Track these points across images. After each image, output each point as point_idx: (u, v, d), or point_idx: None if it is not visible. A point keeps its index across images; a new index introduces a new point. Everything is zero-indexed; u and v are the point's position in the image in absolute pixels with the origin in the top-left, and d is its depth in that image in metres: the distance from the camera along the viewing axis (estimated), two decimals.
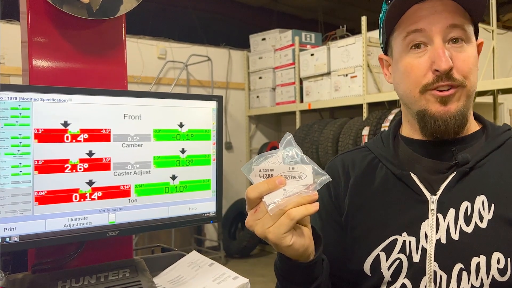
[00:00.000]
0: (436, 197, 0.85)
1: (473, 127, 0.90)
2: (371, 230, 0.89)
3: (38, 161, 1.03)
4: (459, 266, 0.80)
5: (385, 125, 4.05)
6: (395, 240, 0.85)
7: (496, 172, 0.84)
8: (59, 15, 1.19)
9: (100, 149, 1.11)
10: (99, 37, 1.27)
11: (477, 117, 0.93)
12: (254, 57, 6.11)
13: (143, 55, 5.40)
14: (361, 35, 4.59)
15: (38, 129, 1.03)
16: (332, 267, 0.88)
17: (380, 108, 4.56)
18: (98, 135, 1.11)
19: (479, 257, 0.79)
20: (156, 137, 1.18)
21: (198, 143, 1.25)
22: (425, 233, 0.83)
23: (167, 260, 1.34)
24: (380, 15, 0.91)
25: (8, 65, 4.46)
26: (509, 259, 0.78)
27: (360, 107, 4.65)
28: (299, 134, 5.04)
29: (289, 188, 0.68)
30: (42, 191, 1.04)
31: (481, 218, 0.81)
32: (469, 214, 0.82)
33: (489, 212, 0.81)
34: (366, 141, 4.10)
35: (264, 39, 6.00)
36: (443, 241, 0.82)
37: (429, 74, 0.82)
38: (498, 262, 0.78)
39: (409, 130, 0.92)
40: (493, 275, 0.78)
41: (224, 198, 5.50)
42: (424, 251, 0.82)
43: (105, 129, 1.12)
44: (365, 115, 4.49)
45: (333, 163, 1.01)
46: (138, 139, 1.16)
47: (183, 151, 1.23)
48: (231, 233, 5.86)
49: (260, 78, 6.04)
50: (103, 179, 1.11)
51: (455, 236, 0.81)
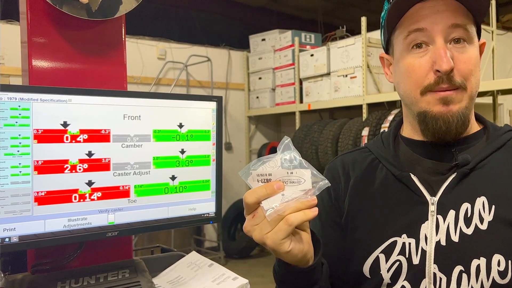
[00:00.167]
0: (436, 199, 0.84)
1: (474, 127, 0.89)
2: (370, 231, 0.88)
3: (37, 161, 1.03)
4: (459, 268, 0.79)
5: (385, 126, 4.04)
6: (395, 241, 0.84)
7: (496, 173, 0.83)
8: (59, 16, 1.19)
9: (99, 150, 1.11)
10: (98, 37, 1.27)
11: (478, 118, 0.92)
12: (253, 57, 6.11)
13: (143, 55, 5.41)
14: (361, 35, 4.59)
15: (37, 130, 1.03)
16: (331, 268, 0.88)
17: (379, 108, 4.56)
18: (97, 136, 1.11)
19: (479, 259, 0.78)
20: (155, 137, 1.18)
21: (197, 144, 1.25)
22: (425, 235, 0.82)
23: (167, 260, 1.34)
24: (382, 14, 0.90)
25: (7, 66, 4.46)
26: (509, 261, 0.77)
27: (359, 107, 4.65)
28: (299, 134, 5.04)
29: (287, 193, 0.67)
30: (41, 192, 1.04)
31: (482, 219, 0.80)
32: (469, 215, 0.81)
33: (489, 213, 0.80)
34: (365, 141, 4.11)
35: (263, 40, 6.00)
36: (443, 243, 0.80)
37: (430, 74, 0.81)
38: (498, 264, 0.77)
39: (410, 131, 0.92)
40: (493, 277, 0.76)
41: (223, 198, 5.50)
42: (423, 253, 0.81)
43: (105, 130, 1.12)
44: (364, 115, 4.49)
45: (333, 164, 1.00)
46: (137, 139, 1.16)
47: (182, 152, 1.23)
48: (231, 233, 5.86)
49: (259, 78, 6.04)
50: (102, 179, 1.11)
51: (455, 238, 0.80)
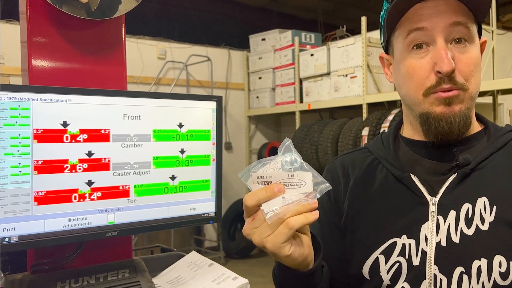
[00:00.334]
0: (436, 199, 0.83)
1: (475, 127, 0.88)
2: (370, 232, 0.87)
3: (37, 161, 1.03)
4: (459, 269, 0.78)
5: (385, 126, 4.04)
6: (395, 243, 0.83)
7: (498, 173, 0.82)
8: (59, 15, 1.18)
9: (99, 150, 1.11)
10: (98, 37, 1.27)
11: (479, 118, 0.92)
12: (253, 57, 6.11)
13: (143, 55, 5.41)
14: (361, 35, 4.59)
15: (37, 129, 1.03)
16: (331, 270, 0.87)
17: (379, 108, 4.56)
18: (97, 135, 1.11)
19: (480, 260, 0.77)
20: (155, 137, 1.18)
21: (197, 144, 1.25)
22: (425, 236, 0.81)
23: (167, 260, 1.34)
24: (381, 14, 0.89)
25: (7, 65, 4.46)
26: (511, 262, 0.76)
27: (359, 107, 4.65)
28: (299, 134, 5.04)
29: (288, 195, 0.66)
30: (41, 192, 1.04)
31: (483, 220, 0.79)
32: (470, 216, 0.80)
33: (490, 214, 0.79)
34: (366, 141, 4.11)
35: (264, 40, 6.00)
36: (444, 243, 0.80)
37: (432, 76, 0.80)
38: (500, 265, 0.76)
39: (410, 131, 0.91)
40: (494, 278, 0.75)
41: (223, 198, 5.51)
42: (424, 254, 0.81)
43: (105, 129, 1.12)
44: (364, 115, 4.49)
45: (333, 165, 0.99)
46: (137, 139, 1.16)
47: (182, 152, 1.23)
48: (231, 233, 5.86)
49: (259, 78, 6.04)
50: (102, 179, 1.11)
51: (456, 238, 0.79)
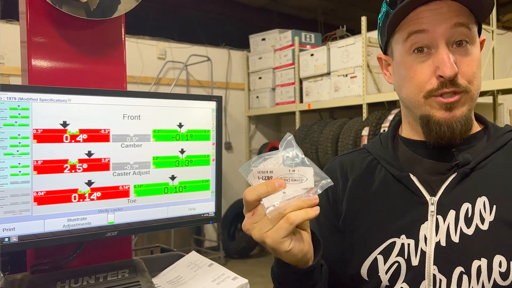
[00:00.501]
0: (436, 199, 0.82)
1: (474, 128, 0.88)
2: (368, 233, 0.87)
3: (37, 161, 1.03)
4: (459, 269, 0.77)
5: (385, 126, 4.04)
6: (393, 243, 0.83)
7: (498, 173, 0.82)
8: (59, 15, 1.18)
9: (99, 150, 1.11)
10: (98, 37, 1.27)
11: (478, 118, 0.91)
12: (253, 57, 6.11)
13: (143, 55, 5.41)
14: (361, 35, 4.59)
15: (37, 129, 1.03)
16: (329, 271, 0.87)
17: (379, 108, 4.56)
18: (97, 135, 1.10)
19: (480, 260, 0.76)
20: (155, 137, 1.18)
21: (197, 144, 1.25)
22: (424, 236, 0.81)
23: (166, 260, 1.34)
24: (379, 15, 0.89)
25: (7, 65, 4.46)
26: (511, 262, 0.75)
27: (359, 107, 4.65)
28: (299, 134, 5.04)
29: (289, 191, 0.65)
30: (41, 192, 1.04)
31: (482, 220, 0.79)
32: (469, 215, 0.80)
33: (490, 213, 0.79)
34: (366, 141, 4.11)
35: (264, 39, 6.00)
36: (443, 243, 0.79)
37: (433, 79, 0.80)
38: (500, 265, 0.75)
39: (409, 131, 0.91)
40: (494, 278, 0.75)
41: (223, 198, 5.50)
42: (423, 254, 0.80)
43: (104, 129, 1.11)
44: (364, 115, 4.49)
45: (331, 165, 0.99)
46: (137, 139, 1.16)
47: (182, 152, 1.23)
48: (231, 233, 5.86)
49: (259, 78, 6.04)
50: (102, 179, 1.11)
51: (455, 238, 0.79)
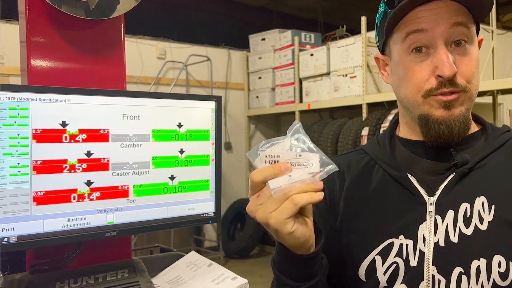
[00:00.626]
0: (434, 199, 0.82)
1: (472, 128, 0.87)
2: (366, 233, 0.86)
3: (36, 161, 1.03)
4: (458, 270, 0.77)
5: (385, 126, 4.05)
6: (392, 243, 0.82)
7: (496, 173, 0.82)
8: (58, 15, 1.18)
9: (98, 149, 1.11)
10: (97, 37, 1.27)
11: (476, 118, 0.91)
12: (253, 57, 6.11)
13: (143, 55, 5.41)
14: (361, 35, 4.59)
15: (36, 129, 1.03)
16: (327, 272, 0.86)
17: (379, 108, 4.56)
18: (96, 135, 1.10)
19: (479, 260, 0.76)
20: (154, 137, 1.18)
21: (196, 144, 1.25)
22: (423, 236, 0.80)
23: (166, 260, 1.34)
24: (377, 15, 0.89)
25: (7, 65, 4.46)
26: (510, 262, 0.75)
27: (359, 107, 4.65)
28: None
29: (294, 174, 0.67)
30: (40, 192, 1.04)
31: (481, 219, 0.78)
32: (468, 215, 0.79)
33: (489, 213, 0.78)
34: (365, 141, 4.11)
35: (263, 39, 6.00)
36: (442, 244, 0.79)
37: (432, 79, 0.80)
38: (499, 265, 0.75)
39: (407, 131, 0.90)
40: (494, 279, 0.75)
41: (223, 198, 5.50)
42: (421, 254, 0.80)
43: (104, 129, 1.11)
44: (364, 115, 4.49)
45: None
46: (136, 139, 1.16)
47: (181, 152, 1.23)
48: (230, 233, 5.86)
49: (259, 78, 6.04)
50: (101, 179, 1.11)
51: (454, 238, 0.78)
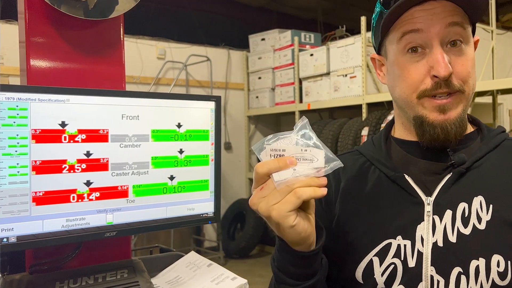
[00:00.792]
0: (431, 199, 0.82)
1: (468, 128, 0.87)
2: (363, 234, 0.85)
3: (35, 161, 1.03)
4: (457, 270, 0.77)
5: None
6: (389, 244, 0.82)
7: (493, 173, 0.82)
8: (57, 15, 1.19)
9: (98, 150, 1.11)
10: (97, 37, 1.27)
11: (471, 120, 0.91)
12: (253, 57, 6.11)
13: (142, 55, 5.41)
14: (361, 35, 4.59)
15: (35, 130, 1.03)
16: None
17: (379, 108, 4.56)
18: (96, 136, 1.11)
19: (478, 260, 0.76)
20: (154, 137, 1.18)
21: (196, 144, 1.25)
22: (421, 236, 0.80)
23: (166, 260, 1.34)
24: (373, 16, 0.89)
25: (7, 65, 4.46)
26: (509, 262, 0.75)
27: (359, 107, 4.65)
28: None
29: (299, 169, 0.68)
30: (39, 192, 1.04)
31: (479, 219, 0.78)
32: (466, 215, 0.79)
33: (487, 213, 0.78)
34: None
35: (263, 39, 6.00)
36: (440, 244, 0.79)
37: (427, 79, 0.79)
38: (498, 265, 0.75)
39: (402, 131, 0.90)
40: (493, 278, 0.75)
41: (223, 198, 5.50)
42: (420, 255, 0.79)
43: (103, 130, 1.11)
44: (364, 115, 4.49)
45: None
46: (136, 139, 1.16)
47: (181, 152, 1.23)
48: (230, 233, 5.87)
49: (259, 78, 6.04)
50: (101, 179, 1.11)
51: (453, 238, 0.78)
